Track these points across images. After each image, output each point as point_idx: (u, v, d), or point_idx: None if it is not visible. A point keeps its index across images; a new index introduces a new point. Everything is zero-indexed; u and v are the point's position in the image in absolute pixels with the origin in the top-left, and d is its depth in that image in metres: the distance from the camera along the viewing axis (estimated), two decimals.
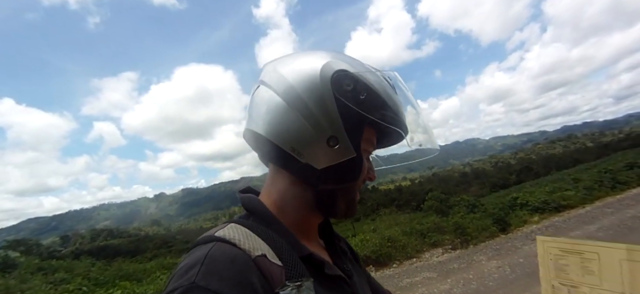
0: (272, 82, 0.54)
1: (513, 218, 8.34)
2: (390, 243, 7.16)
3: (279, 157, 0.54)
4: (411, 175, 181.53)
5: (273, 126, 0.52)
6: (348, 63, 0.54)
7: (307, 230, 0.59)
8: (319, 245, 0.63)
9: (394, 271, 6.29)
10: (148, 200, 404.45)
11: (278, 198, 0.57)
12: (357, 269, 0.67)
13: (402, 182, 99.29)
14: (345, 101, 0.51)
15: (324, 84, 0.51)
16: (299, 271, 0.46)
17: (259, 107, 0.55)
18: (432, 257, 6.79)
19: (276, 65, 0.56)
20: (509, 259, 5.69)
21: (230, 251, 0.43)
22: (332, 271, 0.53)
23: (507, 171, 52.83)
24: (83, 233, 56.29)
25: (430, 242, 7.52)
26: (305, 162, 0.52)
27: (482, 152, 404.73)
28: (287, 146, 0.52)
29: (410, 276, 5.72)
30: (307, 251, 0.51)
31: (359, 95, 0.52)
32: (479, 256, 6.25)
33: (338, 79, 0.52)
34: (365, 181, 0.60)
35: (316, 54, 0.55)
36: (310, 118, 0.51)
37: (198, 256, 0.42)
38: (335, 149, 0.51)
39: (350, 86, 0.52)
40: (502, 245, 6.70)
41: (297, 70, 0.53)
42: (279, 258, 0.46)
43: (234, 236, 0.46)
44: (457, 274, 5.46)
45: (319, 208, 0.57)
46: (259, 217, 0.54)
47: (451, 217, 8.75)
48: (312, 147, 0.51)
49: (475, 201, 10.31)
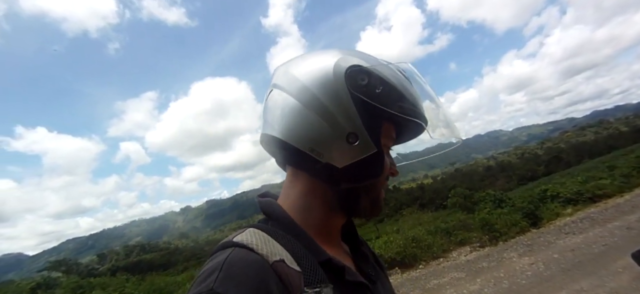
0: (285, 85, 0.54)
1: (544, 211, 7.93)
2: (415, 243, 7.01)
3: (298, 159, 0.53)
4: (433, 172, 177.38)
5: (290, 128, 0.52)
6: (361, 58, 0.54)
7: (328, 233, 0.58)
8: (341, 249, 0.61)
9: (420, 272, 6.14)
10: (175, 214, 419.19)
11: (297, 201, 0.56)
12: (381, 276, 0.66)
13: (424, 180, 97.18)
14: (361, 96, 0.51)
15: (338, 80, 0.51)
16: (318, 276, 0.45)
17: (274, 111, 0.55)
18: (459, 256, 6.59)
19: (288, 67, 0.56)
20: (542, 255, 5.42)
21: (248, 257, 0.43)
22: (353, 277, 0.52)
23: (534, 162, 50.50)
24: (118, 250, 59.25)
25: (456, 240, 7.30)
26: (326, 162, 0.51)
27: (506, 144, 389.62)
28: (306, 147, 0.51)
29: (437, 277, 5.57)
30: (326, 256, 0.50)
31: (374, 89, 0.51)
32: (509, 253, 5.99)
33: (352, 74, 0.51)
34: (388, 176, 0.59)
35: (327, 53, 0.55)
36: (328, 117, 0.50)
37: (217, 262, 0.43)
38: (356, 145, 0.51)
39: (365, 81, 0.51)
40: (534, 240, 6.39)
41: (310, 70, 0.53)
42: (297, 263, 0.46)
43: (251, 241, 0.46)
44: (487, 273, 5.26)
45: (342, 208, 0.56)
46: (277, 222, 0.53)
47: (477, 214, 8.46)
48: (331, 146, 0.51)
49: (502, 196, 9.90)
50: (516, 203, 8.54)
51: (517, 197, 9.58)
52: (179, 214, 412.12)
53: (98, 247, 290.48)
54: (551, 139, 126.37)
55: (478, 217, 7.97)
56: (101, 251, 65.16)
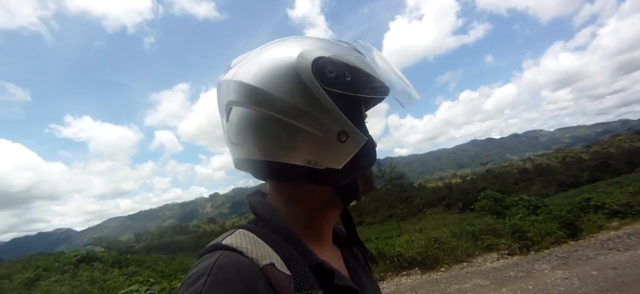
0: (246, 100, 0.50)
1: (585, 223, 7.32)
2: (437, 244, 6.79)
3: (291, 173, 0.51)
4: (462, 171, 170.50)
5: (273, 146, 0.49)
6: (319, 48, 0.51)
7: (319, 234, 0.57)
8: (331, 251, 0.60)
9: (441, 275, 5.94)
10: (204, 200, 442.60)
11: (286, 202, 0.55)
12: (370, 278, 0.65)
13: (452, 180, 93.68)
14: (335, 89, 0.48)
15: (309, 81, 0.48)
16: (309, 282, 0.45)
17: (244, 132, 0.51)
18: (485, 262, 6.28)
19: (241, 79, 0.51)
20: (578, 270, 5.01)
21: (237, 260, 0.42)
22: (342, 281, 0.51)
23: (577, 167, 46.73)
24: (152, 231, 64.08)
25: (482, 245, 6.96)
26: (325, 168, 0.50)
27: (546, 146, 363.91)
28: (301, 160, 0.49)
29: (459, 282, 5.35)
30: (317, 260, 0.49)
31: (344, 78, 0.49)
32: (541, 264, 5.61)
33: (319, 69, 0.48)
34: None
35: (280, 50, 0.51)
36: (313, 123, 0.48)
37: (205, 265, 0.41)
38: (348, 142, 0.49)
39: (333, 73, 0.49)
40: (571, 253, 5.93)
41: (270, 77, 0.49)
42: (287, 267, 0.45)
43: (241, 244, 0.45)
44: (514, 283, 4.96)
45: (342, 200, 0.56)
46: (267, 223, 0.52)
47: (508, 219, 8.00)
48: (326, 150, 0.49)
49: (537, 202, 9.28)
50: (553, 211, 7.96)
51: (555, 205, 8.93)
52: (208, 200, 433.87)
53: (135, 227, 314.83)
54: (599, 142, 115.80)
55: (509, 223, 7.54)
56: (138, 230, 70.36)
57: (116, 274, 8.12)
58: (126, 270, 8.90)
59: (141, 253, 19.37)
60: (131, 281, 6.94)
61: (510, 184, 35.43)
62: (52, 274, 8.70)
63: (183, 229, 68.70)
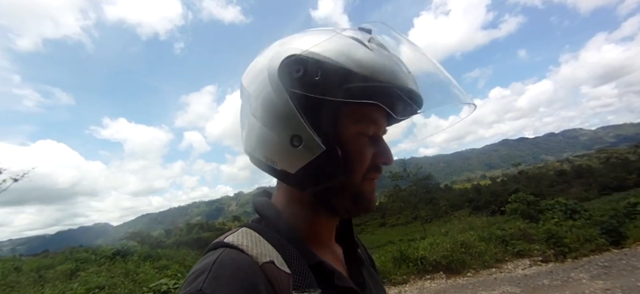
0: (242, 96, 0.54)
1: (631, 230, 6.74)
2: (464, 248, 6.54)
3: (264, 168, 0.53)
4: (492, 172, 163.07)
5: (247, 140, 0.53)
6: (297, 45, 0.47)
7: (318, 234, 0.56)
8: (333, 252, 0.59)
9: (468, 280, 5.70)
10: (229, 198, 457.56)
11: (285, 202, 0.55)
12: (374, 280, 0.63)
13: (481, 181, 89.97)
14: (298, 91, 0.45)
15: (272, 81, 0.47)
16: (307, 280, 0.45)
17: (241, 124, 0.56)
18: (516, 268, 5.96)
19: (243, 77, 0.55)
20: (622, 282, 4.60)
21: (238, 258, 0.43)
22: (342, 282, 0.50)
23: (623, 169, 43.03)
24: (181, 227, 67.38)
25: (513, 251, 6.61)
26: (281, 169, 0.49)
27: (587, 146, 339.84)
28: (262, 157, 0.50)
29: (487, 288, 5.10)
30: (317, 260, 0.49)
31: (312, 77, 0.45)
32: (578, 273, 5.22)
33: (285, 68, 0.46)
34: (377, 166, 0.51)
35: (266, 51, 0.52)
36: (269, 123, 0.48)
37: (207, 262, 0.42)
38: (301, 148, 0.46)
39: (300, 71, 0.45)
40: (614, 262, 5.47)
41: (252, 76, 0.51)
42: (287, 265, 0.45)
43: (242, 242, 0.46)
44: (548, 292, 4.66)
45: (323, 209, 0.53)
46: (270, 222, 0.52)
47: (542, 224, 7.55)
48: (280, 152, 0.48)
49: (575, 206, 8.66)
50: (594, 216, 7.41)
51: (596, 210, 8.31)
52: (233, 199, 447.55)
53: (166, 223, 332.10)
54: None
55: (543, 227, 7.11)
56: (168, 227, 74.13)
57: (148, 267, 8.58)
58: (157, 264, 9.39)
59: (171, 247, 20.37)
60: (161, 275, 7.30)
61: (546, 187, 33.31)
62: (90, 266, 9.37)
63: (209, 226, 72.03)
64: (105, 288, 6.41)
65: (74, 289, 6.61)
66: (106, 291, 6.29)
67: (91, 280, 7.10)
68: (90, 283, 6.83)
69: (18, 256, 19.09)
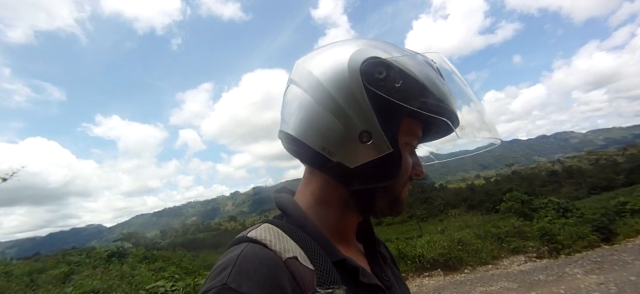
0: (300, 80, 0.53)
1: (621, 227, 6.92)
2: (461, 246, 6.63)
3: (311, 157, 0.52)
4: (485, 173, 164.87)
5: (302, 125, 0.51)
6: (381, 49, 0.50)
7: (343, 232, 0.56)
8: (356, 249, 0.60)
9: (465, 277, 5.79)
10: (225, 198, 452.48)
11: (312, 199, 0.55)
12: (398, 278, 0.64)
13: (475, 181, 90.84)
14: (377, 90, 0.47)
15: (353, 74, 0.48)
16: (331, 277, 0.44)
17: (289, 107, 0.54)
18: (511, 265, 6.07)
19: (305, 61, 0.55)
20: (614, 276, 4.73)
21: (262, 253, 0.43)
22: (368, 279, 0.50)
23: (612, 170, 43.93)
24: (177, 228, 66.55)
25: (509, 248, 6.73)
26: (337, 161, 0.49)
27: (577, 148, 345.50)
28: (318, 145, 0.50)
29: (484, 285, 5.19)
30: (340, 256, 0.49)
31: (393, 83, 0.47)
32: (572, 268, 5.34)
33: (368, 67, 0.48)
34: (411, 177, 0.56)
35: (345, 44, 0.52)
36: (339, 114, 0.48)
37: (231, 257, 0.43)
38: (369, 145, 0.48)
39: (383, 74, 0.48)
40: (606, 258, 5.61)
41: (324, 63, 0.51)
42: (311, 261, 0.45)
43: (265, 237, 0.46)
44: (544, 287, 4.76)
45: (358, 208, 0.55)
46: (292, 218, 0.53)
47: (536, 222, 7.69)
48: (343, 145, 0.48)
49: (568, 204, 8.83)
50: (586, 214, 7.57)
51: (587, 208, 8.49)
52: (229, 198, 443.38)
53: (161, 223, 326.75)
54: (636, 145, 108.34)
55: (537, 225, 7.25)
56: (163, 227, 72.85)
57: (144, 270, 8.44)
58: (153, 266, 9.25)
59: (166, 249, 20.14)
60: (158, 277, 7.22)
61: (538, 186, 33.81)
62: (84, 268, 9.18)
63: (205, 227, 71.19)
64: (101, 292, 6.29)
65: (68, 293, 6.48)
66: None
67: (86, 284, 6.94)
68: (84, 287, 6.68)
69: (8, 260, 18.63)
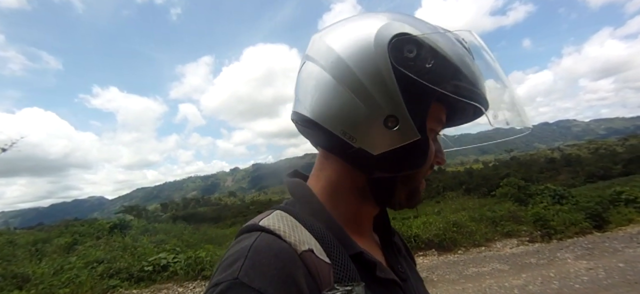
0: (319, 56, 0.47)
1: (614, 215, 7.04)
2: (456, 228, 6.78)
3: (330, 142, 0.47)
4: (484, 157, 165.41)
5: (321, 106, 0.46)
6: (411, 25, 0.45)
7: (358, 222, 0.53)
8: (371, 240, 0.56)
9: (459, 257, 5.95)
10: (225, 174, 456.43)
11: (327, 186, 0.51)
12: (412, 269, 0.61)
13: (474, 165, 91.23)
14: (406, 71, 0.42)
15: (380, 52, 0.43)
16: (350, 272, 0.41)
17: (306, 86, 0.49)
18: (504, 247, 6.22)
19: (324, 35, 0.49)
20: (604, 262, 4.87)
21: (275, 244, 0.39)
22: (385, 274, 0.47)
23: (610, 160, 44.05)
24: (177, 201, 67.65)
25: (502, 231, 6.87)
26: (359, 147, 0.45)
27: (578, 137, 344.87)
28: (338, 129, 0.45)
29: (477, 265, 5.35)
30: (357, 249, 0.46)
31: (424, 63, 0.43)
32: (563, 253, 5.48)
33: (398, 44, 0.43)
34: (433, 165, 0.51)
35: (370, 17, 0.47)
36: (364, 95, 0.43)
37: (242, 248, 0.39)
38: (395, 130, 0.43)
39: (413, 53, 0.43)
40: (596, 244, 5.74)
41: (347, 39, 0.45)
42: (327, 254, 0.42)
43: (279, 227, 0.42)
44: (534, 270, 4.90)
45: (375, 198, 0.51)
46: (306, 206, 0.49)
47: (531, 207, 7.81)
48: (366, 129, 0.44)
49: (563, 192, 8.94)
50: (580, 202, 7.68)
51: (582, 196, 8.59)
52: (229, 174, 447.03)
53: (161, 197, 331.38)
54: (637, 135, 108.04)
55: (532, 211, 7.36)
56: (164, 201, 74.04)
57: (145, 242, 8.64)
58: (154, 238, 9.46)
59: (167, 222, 20.53)
60: (159, 249, 7.41)
61: (536, 173, 34.02)
62: (87, 239, 9.41)
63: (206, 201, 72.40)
64: (105, 262, 6.47)
65: (73, 262, 6.61)
66: (105, 264, 6.30)
67: (90, 254, 7.12)
68: (89, 257, 6.87)
69: (12, 229, 19.01)
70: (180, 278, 5.94)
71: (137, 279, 5.96)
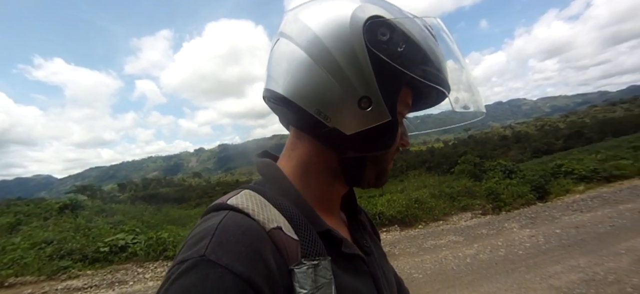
0: (293, 34, 0.47)
1: (554, 186, 7.82)
2: (417, 204, 7.11)
3: (302, 120, 0.48)
4: (445, 137, 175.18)
5: (295, 85, 0.46)
6: (384, 8, 0.46)
7: (327, 201, 0.54)
8: (338, 218, 0.58)
9: (419, 231, 6.30)
10: (189, 154, 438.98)
11: (298, 165, 0.52)
12: (376, 245, 0.63)
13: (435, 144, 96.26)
14: (380, 54, 0.43)
15: (356, 33, 0.44)
16: (317, 248, 0.42)
17: (279, 64, 0.48)
18: (459, 221, 6.68)
19: (298, 13, 0.49)
20: (544, 229, 5.43)
21: (243, 222, 0.40)
22: (350, 249, 0.49)
23: (553, 136, 48.83)
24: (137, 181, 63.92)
25: (459, 206, 7.36)
26: (332, 127, 0.45)
27: (527, 114, 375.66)
28: (312, 108, 0.45)
29: (435, 238, 5.71)
30: (325, 227, 0.47)
31: (396, 47, 0.44)
32: (510, 223, 6.02)
33: (372, 27, 0.44)
34: (399, 148, 0.54)
35: (344, 2, 0.47)
36: (340, 76, 0.44)
37: (209, 226, 0.39)
38: (368, 111, 0.44)
39: (386, 36, 0.44)
40: (538, 214, 6.38)
41: (324, 17, 0.46)
42: (295, 231, 0.43)
43: (247, 205, 0.42)
44: (485, 240, 5.34)
45: (345, 177, 0.52)
46: (275, 185, 0.49)
47: (485, 182, 8.41)
48: (340, 109, 0.45)
49: (513, 166, 9.74)
50: (527, 175, 8.41)
51: (529, 170, 9.42)
52: (193, 155, 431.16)
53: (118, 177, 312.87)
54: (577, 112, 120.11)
55: (485, 186, 7.93)
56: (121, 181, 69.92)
57: (101, 223, 8.10)
58: (111, 219, 8.88)
59: (125, 202, 19.37)
60: (117, 230, 6.99)
61: (490, 150, 36.81)
62: (33, 219, 8.62)
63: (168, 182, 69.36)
64: (54, 243, 5.97)
65: (17, 243, 6.06)
66: (55, 245, 5.82)
67: (36, 234, 6.55)
68: (35, 237, 6.30)
69: None
70: (141, 258, 5.65)
71: (92, 260, 5.58)
